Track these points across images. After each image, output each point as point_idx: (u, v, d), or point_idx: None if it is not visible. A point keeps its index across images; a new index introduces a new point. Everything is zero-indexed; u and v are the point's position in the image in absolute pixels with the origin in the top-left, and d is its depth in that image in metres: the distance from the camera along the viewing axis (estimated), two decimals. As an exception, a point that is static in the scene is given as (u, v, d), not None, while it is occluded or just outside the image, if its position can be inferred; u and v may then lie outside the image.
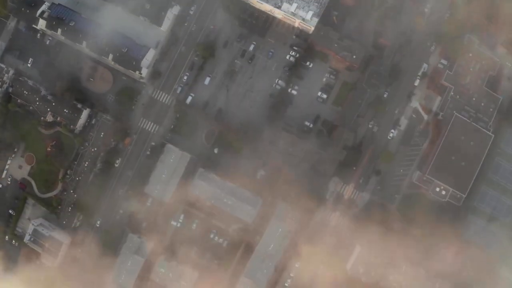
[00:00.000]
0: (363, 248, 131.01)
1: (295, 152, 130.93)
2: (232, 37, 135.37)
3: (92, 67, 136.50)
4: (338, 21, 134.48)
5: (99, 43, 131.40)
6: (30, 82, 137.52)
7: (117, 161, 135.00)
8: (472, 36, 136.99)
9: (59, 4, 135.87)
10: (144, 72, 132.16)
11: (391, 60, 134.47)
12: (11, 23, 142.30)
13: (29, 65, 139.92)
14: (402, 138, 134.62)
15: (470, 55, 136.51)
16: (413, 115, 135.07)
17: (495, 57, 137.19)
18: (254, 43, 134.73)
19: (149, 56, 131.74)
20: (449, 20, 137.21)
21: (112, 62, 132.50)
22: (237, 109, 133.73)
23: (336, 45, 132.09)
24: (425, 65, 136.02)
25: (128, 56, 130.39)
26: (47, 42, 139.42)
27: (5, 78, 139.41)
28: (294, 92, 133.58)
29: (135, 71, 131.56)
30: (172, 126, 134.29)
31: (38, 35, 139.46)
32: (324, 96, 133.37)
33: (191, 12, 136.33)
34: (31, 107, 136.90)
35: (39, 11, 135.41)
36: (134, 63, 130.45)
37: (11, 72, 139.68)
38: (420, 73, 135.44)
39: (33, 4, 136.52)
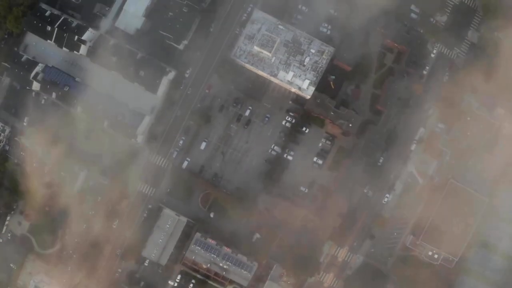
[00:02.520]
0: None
1: (290, 218, 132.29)
2: (228, 102, 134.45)
3: (87, 129, 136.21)
4: (335, 85, 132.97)
5: (94, 109, 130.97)
6: (27, 143, 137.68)
7: (115, 223, 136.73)
8: (471, 99, 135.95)
9: (52, 66, 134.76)
10: (140, 139, 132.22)
11: (388, 125, 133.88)
12: (6, 80, 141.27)
13: (25, 123, 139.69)
14: (397, 202, 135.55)
15: (468, 118, 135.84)
16: (409, 180, 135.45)
17: (493, 120, 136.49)
18: (250, 107, 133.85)
19: (145, 123, 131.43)
20: (448, 82, 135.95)
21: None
22: (233, 174, 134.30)
23: (332, 113, 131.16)
24: (422, 129, 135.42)
25: (123, 123, 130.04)
26: (42, 101, 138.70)
27: (1, 137, 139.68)
28: (289, 157, 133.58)
29: (130, 139, 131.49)
30: (168, 190, 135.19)
31: (33, 93, 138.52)
32: (320, 161, 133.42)
33: (187, 75, 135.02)
34: (28, 168, 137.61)
35: (32, 73, 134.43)
36: (129, 131, 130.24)
37: (7, 130, 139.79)
38: (417, 138, 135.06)
39: (26, 66, 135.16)
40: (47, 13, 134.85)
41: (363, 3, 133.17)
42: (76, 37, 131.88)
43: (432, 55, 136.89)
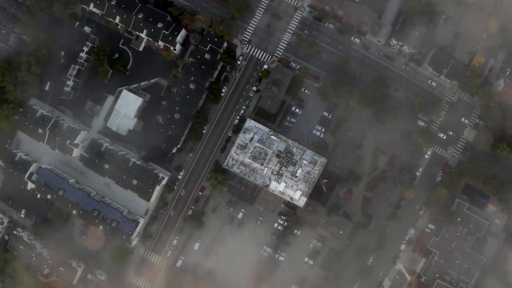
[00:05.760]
0: None
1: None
2: (221, 204, 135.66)
3: (84, 224, 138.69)
4: (327, 189, 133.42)
5: (89, 214, 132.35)
6: (25, 237, 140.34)
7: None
8: (462, 200, 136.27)
9: (46, 168, 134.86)
10: (135, 242, 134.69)
11: (379, 228, 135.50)
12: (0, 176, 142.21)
13: (22, 215, 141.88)
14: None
15: (459, 219, 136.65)
16: (397, 277, 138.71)
17: (483, 220, 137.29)
18: (243, 210, 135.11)
19: (139, 228, 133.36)
20: (441, 183, 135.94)
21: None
22: (226, 273, 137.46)
23: (323, 220, 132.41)
24: (412, 230, 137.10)
25: (118, 230, 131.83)
26: (38, 195, 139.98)
27: (0, 229, 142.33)
28: (281, 258, 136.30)
29: (125, 244, 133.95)
30: (163, 286, 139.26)
31: (29, 187, 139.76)
32: (311, 262, 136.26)
33: (180, 177, 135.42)
34: (28, 261, 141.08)
35: (27, 174, 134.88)
36: (124, 238, 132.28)
37: (6, 221, 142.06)
38: (406, 238, 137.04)
39: (20, 167, 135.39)
40: (38, 114, 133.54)
41: (357, 109, 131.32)
42: (68, 141, 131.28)
43: (426, 156, 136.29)
